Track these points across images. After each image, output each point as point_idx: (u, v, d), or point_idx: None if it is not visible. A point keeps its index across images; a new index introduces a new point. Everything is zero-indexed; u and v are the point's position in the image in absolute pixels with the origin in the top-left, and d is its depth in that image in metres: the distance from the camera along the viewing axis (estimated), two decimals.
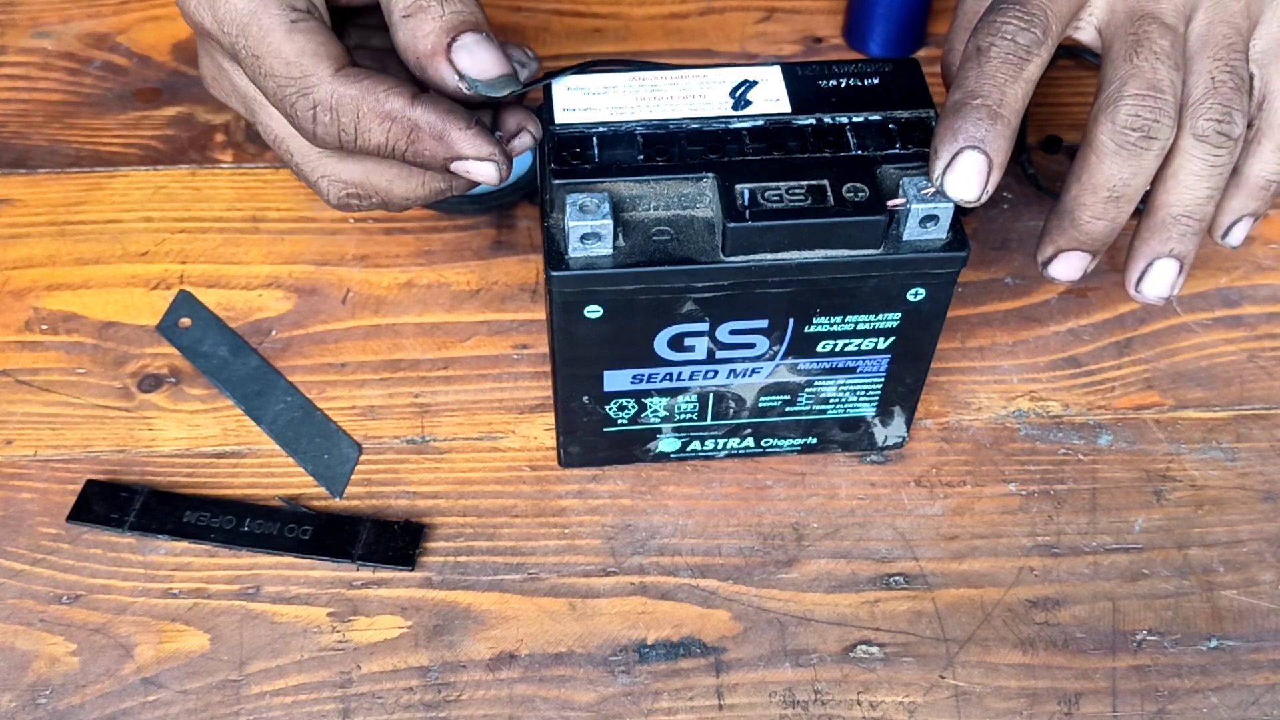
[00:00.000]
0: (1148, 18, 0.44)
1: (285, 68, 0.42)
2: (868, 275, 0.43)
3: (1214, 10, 0.45)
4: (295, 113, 0.43)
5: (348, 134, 0.43)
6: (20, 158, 0.61)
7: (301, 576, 0.48)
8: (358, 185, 0.46)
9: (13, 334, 0.55)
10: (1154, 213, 0.46)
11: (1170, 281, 0.47)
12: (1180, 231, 0.45)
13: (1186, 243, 0.46)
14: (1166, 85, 0.43)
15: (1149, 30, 0.43)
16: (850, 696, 0.46)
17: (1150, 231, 0.46)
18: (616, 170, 0.43)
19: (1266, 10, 0.46)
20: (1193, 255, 0.46)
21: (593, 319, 0.44)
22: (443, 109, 0.42)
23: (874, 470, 0.51)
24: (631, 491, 0.51)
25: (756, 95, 0.45)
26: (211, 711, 0.45)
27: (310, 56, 0.42)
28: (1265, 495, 0.51)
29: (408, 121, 0.42)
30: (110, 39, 0.66)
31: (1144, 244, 0.46)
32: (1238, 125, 0.44)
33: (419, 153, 0.43)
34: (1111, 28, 0.44)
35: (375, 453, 0.52)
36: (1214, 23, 0.45)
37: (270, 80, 0.43)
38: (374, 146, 0.43)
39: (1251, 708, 0.46)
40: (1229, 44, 0.45)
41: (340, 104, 0.42)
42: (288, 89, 0.42)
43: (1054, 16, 0.43)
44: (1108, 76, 0.44)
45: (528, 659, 0.47)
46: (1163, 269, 0.46)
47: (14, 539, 0.49)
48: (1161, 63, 0.43)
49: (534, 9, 0.67)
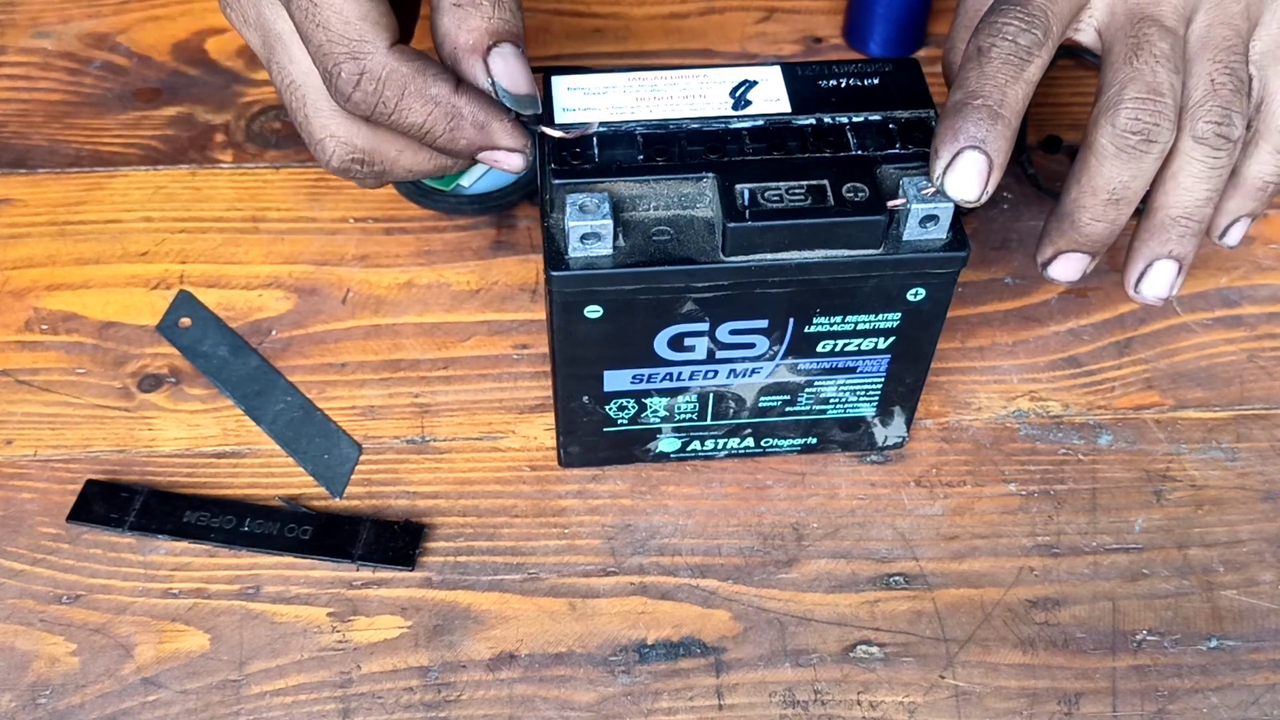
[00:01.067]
0: (1148, 20, 0.44)
1: (343, 26, 0.42)
2: (868, 275, 0.43)
3: (1214, 12, 0.45)
4: (338, 72, 0.42)
5: (386, 107, 0.43)
6: (20, 158, 0.61)
7: (301, 576, 0.48)
8: (365, 152, 0.46)
9: (13, 334, 0.55)
10: (1153, 214, 0.46)
11: (1169, 282, 0.47)
12: (1179, 233, 0.46)
13: (1185, 244, 0.46)
14: (1166, 88, 0.43)
15: (1149, 33, 0.43)
16: (850, 696, 0.46)
17: (1149, 233, 0.46)
18: (616, 170, 0.43)
19: (1266, 12, 0.46)
20: (1192, 256, 0.46)
21: (593, 319, 0.44)
22: (485, 101, 0.43)
23: (874, 470, 0.51)
24: (631, 491, 0.51)
25: (756, 95, 0.45)
26: (211, 711, 0.45)
27: (372, 24, 0.42)
28: (1265, 495, 0.51)
29: (452, 108, 0.43)
30: (110, 39, 0.66)
31: (1143, 245, 0.46)
32: (1237, 127, 0.44)
33: (456, 139, 0.43)
34: (1111, 30, 0.44)
35: (375, 453, 0.52)
36: (1214, 25, 0.45)
37: (321, 32, 0.42)
38: (408, 125, 0.43)
39: (1251, 708, 0.46)
40: (1229, 46, 0.45)
41: (390, 78, 0.42)
42: (338, 48, 0.42)
43: (1055, 17, 0.43)
44: (1108, 79, 0.44)
45: (528, 659, 0.47)
46: (1162, 270, 0.46)
47: (14, 539, 0.49)
48: (1161, 66, 0.43)
49: (534, 9, 0.67)
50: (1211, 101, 0.44)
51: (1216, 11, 0.45)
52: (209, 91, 0.64)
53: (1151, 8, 0.44)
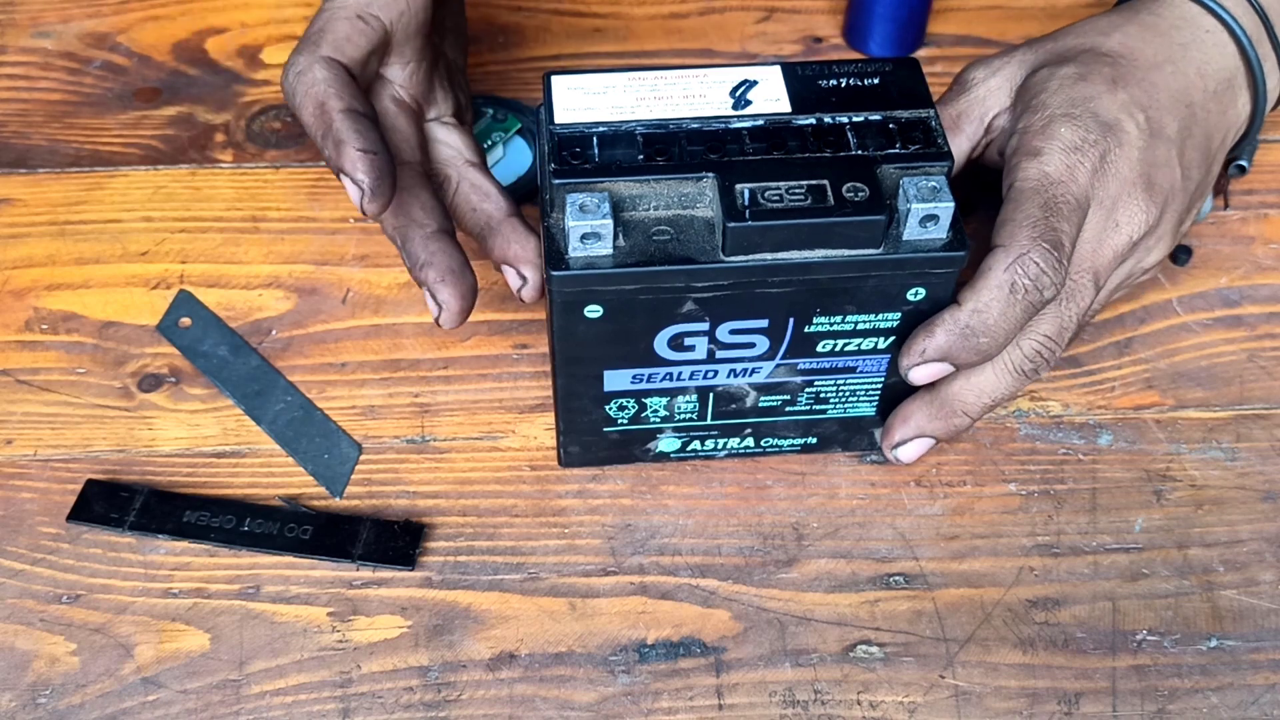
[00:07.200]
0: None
1: (319, 28, 0.47)
2: (868, 275, 0.43)
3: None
4: (290, 60, 0.46)
5: (293, 99, 0.46)
6: (20, 158, 0.61)
7: (301, 576, 0.48)
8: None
9: (13, 334, 0.55)
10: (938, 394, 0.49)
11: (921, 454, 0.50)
12: (959, 423, 0.49)
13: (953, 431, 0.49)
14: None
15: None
16: (850, 696, 0.46)
17: (933, 408, 0.49)
18: (616, 170, 0.43)
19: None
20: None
21: (593, 319, 0.44)
22: (355, 127, 0.45)
23: (874, 470, 0.51)
24: (631, 491, 0.51)
25: (756, 95, 0.45)
26: (211, 711, 0.45)
27: (343, 36, 0.46)
28: (1265, 495, 0.51)
29: (328, 120, 0.45)
30: (110, 39, 0.66)
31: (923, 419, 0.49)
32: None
33: (324, 148, 0.46)
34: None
35: (375, 452, 0.52)
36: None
37: (314, 22, 0.47)
38: (303, 122, 0.46)
39: (1251, 708, 0.46)
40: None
41: (301, 75, 0.46)
42: (302, 44, 0.47)
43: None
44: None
45: (528, 659, 0.47)
46: (925, 443, 0.50)
47: (14, 539, 0.49)
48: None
49: (534, 9, 0.67)
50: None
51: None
52: (209, 91, 0.64)
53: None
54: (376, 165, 0.45)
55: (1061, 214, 0.45)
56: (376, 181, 0.45)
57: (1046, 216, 0.44)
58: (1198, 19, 0.50)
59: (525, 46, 0.66)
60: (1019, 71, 0.50)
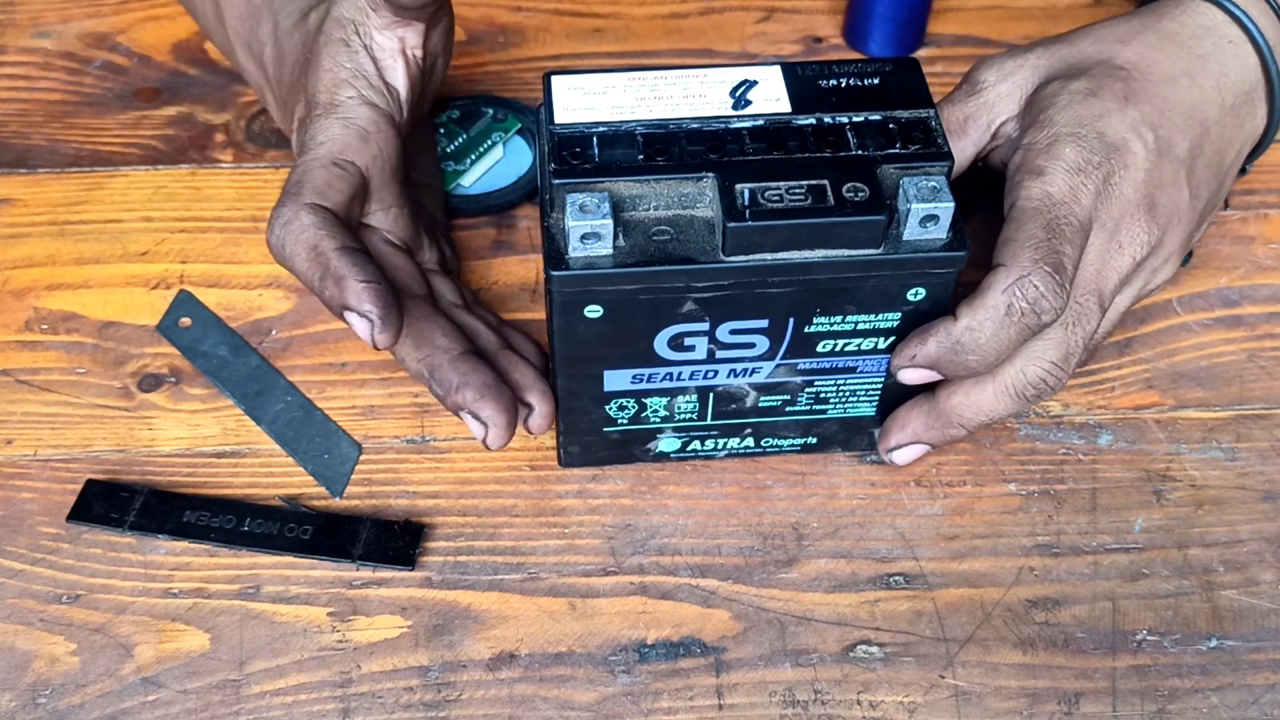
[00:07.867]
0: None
1: (300, 175, 0.47)
2: (868, 275, 0.43)
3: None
4: (274, 214, 0.46)
5: (281, 252, 0.46)
6: (20, 158, 0.61)
7: (301, 576, 0.48)
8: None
9: (13, 334, 0.55)
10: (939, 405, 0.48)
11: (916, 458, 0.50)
12: (954, 434, 0.48)
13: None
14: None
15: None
16: (850, 696, 0.46)
17: (930, 418, 0.48)
18: (616, 170, 0.43)
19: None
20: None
21: (593, 319, 0.44)
22: (353, 263, 0.45)
23: (874, 470, 0.51)
24: (631, 491, 0.51)
25: (756, 95, 0.45)
26: (211, 711, 0.45)
27: (323, 182, 0.47)
28: (1265, 495, 0.51)
29: (325, 263, 0.45)
30: (110, 39, 0.66)
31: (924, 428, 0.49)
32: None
33: (322, 290, 0.45)
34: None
35: (375, 452, 0.52)
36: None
37: (296, 171, 0.47)
38: (295, 270, 0.46)
39: (1251, 708, 0.46)
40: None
41: (287, 221, 0.46)
42: (288, 191, 0.47)
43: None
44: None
45: (528, 659, 0.47)
46: (921, 448, 0.50)
47: (14, 539, 0.49)
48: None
49: (534, 9, 0.67)
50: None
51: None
52: (209, 91, 0.64)
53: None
54: (382, 295, 0.44)
55: (1064, 236, 0.44)
56: (385, 310, 0.44)
57: (1049, 238, 0.44)
58: (1221, 28, 0.49)
59: (525, 46, 0.66)
60: (1031, 79, 0.49)
